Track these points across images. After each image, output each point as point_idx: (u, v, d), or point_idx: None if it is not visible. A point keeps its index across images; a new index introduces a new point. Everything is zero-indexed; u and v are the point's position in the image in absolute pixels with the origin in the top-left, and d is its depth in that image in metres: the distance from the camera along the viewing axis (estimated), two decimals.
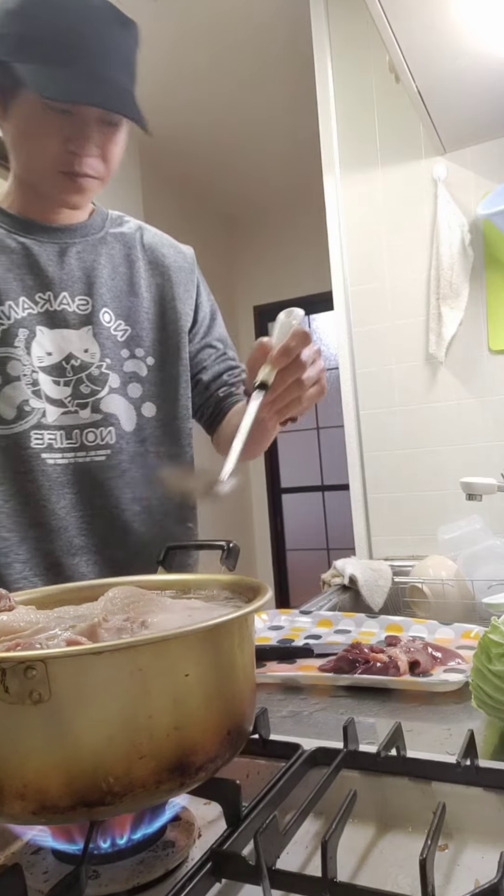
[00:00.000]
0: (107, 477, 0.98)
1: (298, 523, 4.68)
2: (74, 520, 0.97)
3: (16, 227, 0.98)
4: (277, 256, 4.50)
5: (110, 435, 0.98)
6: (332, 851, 0.41)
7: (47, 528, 0.95)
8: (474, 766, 0.53)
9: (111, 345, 1.00)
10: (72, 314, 0.98)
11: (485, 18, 1.26)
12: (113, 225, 1.08)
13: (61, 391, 0.96)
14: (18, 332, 0.94)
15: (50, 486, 0.95)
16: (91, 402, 0.98)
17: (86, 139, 0.90)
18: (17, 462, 0.93)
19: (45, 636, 0.46)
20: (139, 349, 1.03)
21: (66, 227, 1.01)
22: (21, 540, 0.94)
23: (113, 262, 1.04)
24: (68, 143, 0.89)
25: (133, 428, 1.01)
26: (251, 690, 0.52)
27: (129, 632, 0.49)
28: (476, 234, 1.76)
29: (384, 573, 1.51)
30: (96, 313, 1.00)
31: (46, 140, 0.89)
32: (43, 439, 0.94)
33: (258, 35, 2.68)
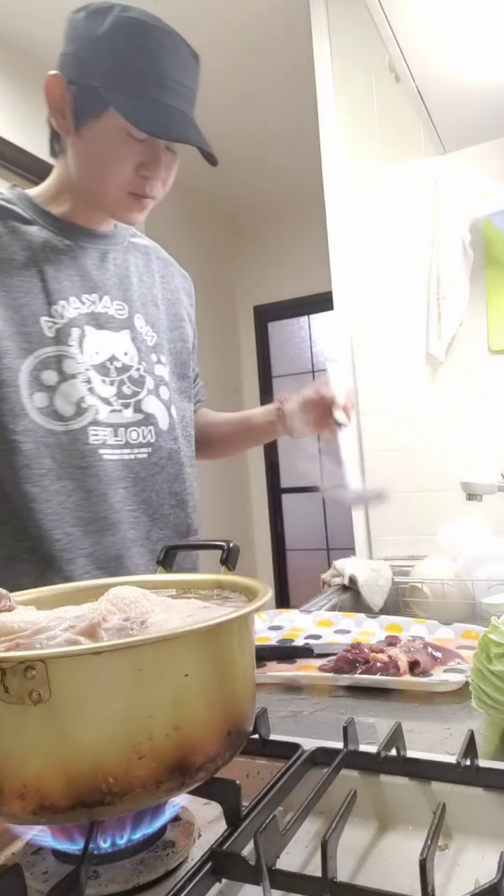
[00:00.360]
0: (148, 473, 1.03)
1: (298, 523, 4.68)
2: (126, 514, 1.00)
3: (62, 229, 1.01)
4: (277, 256, 4.50)
5: (150, 434, 1.03)
6: (332, 851, 0.41)
7: (108, 522, 0.98)
8: (474, 766, 0.53)
9: (145, 349, 1.05)
10: (112, 317, 1.02)
11: (485, 18, 1.26)
12: (131, 235, 1.13)
13: (108, 390, 1.00)
14: (72, 330, 0.97)
15: (108, 481, 0.98)
16: (133, 403, 1.02)
17: (158, 165, 0.95)
18: (77, 458, 0.95)
19: (45, 636, 0.46)
20: (162, 356, 1.09)
21: (103, 233, 1.06)
22: (84, 534, 0.96)
23: (139, 271, 1.11)
24: (141, 168, 0.95)
25: (167, 427, 1.06)
26: (251, 690, 0.52)
27: (128, 632, 0.49)
28: (476, 234, 1.76)
29: (384, 573, 1.50)
30: (132, 318, 1.05)
31: (123, 164, 0.94)
32: (99, 436, 0.97)
33: (258, 35, 2.68)
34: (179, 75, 0.91)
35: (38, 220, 1.00)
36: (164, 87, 0.90)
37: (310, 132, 2.14)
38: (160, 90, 0.89)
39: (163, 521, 1.05)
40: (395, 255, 1.88)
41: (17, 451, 0.91)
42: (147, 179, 0.96)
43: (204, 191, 4.04)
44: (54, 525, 0.93)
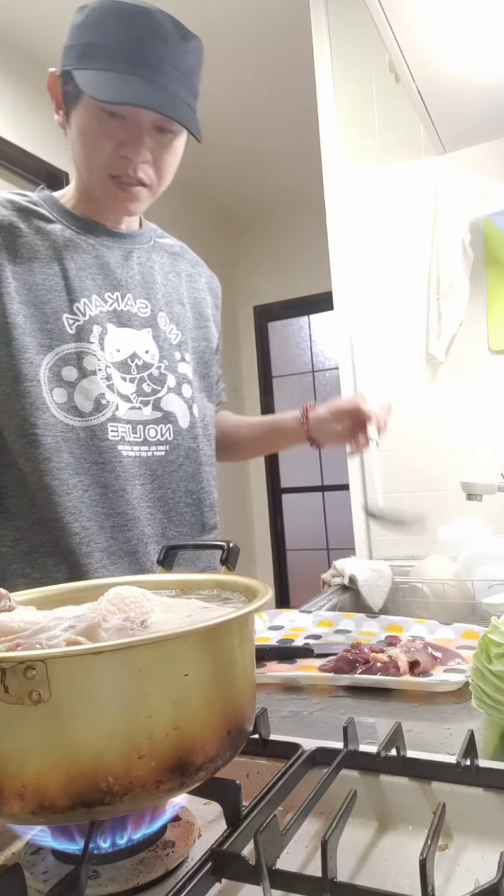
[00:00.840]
0: (166, 471, 1.04)
1: (298, 523, 4.68)
2: (143, 510, 1.01)
3: (84, 228, 1.02)
4: (277, 256, 4.50)
5: (169, 432, 1.04)
6: (332, 851, 0.41)
7: (124, 518, 0.99)
8: (474, 766, 0.53)
9: (168, 347, 1.06)
10: (135, 315, 1.03)
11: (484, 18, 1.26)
12: (158, 235, 1.14)
13: (128, 387, 1.01)
14: (93, 328, 0.98)
15: (126, 476, 0.98)
16: (152, 401, 1.03)
17: (138, 144, 0.93)
18: (95, 453, 0.96)
19: (46, 636, 0.46)
20: (187, 353, 1.10)
21: (126, 233, 1.07)
22: (100, 529, 0.97)
23: (164, 270, 1.11)
24: (121, 147, 0.93)
25: (187, 426, 1.07)
26: (251, 690, 0.52)
27: (128, 632, 0.49)
28: (476, 234, 1.76)
29: (384, 573, 1.50)
30: (155, 316, 1.05)
31: (100, 143, 0.93)
32: (117, 432, 0.98)
33: (258, 35, 2.68)
34: (152, 48, 0.89)
35: (61, 219, 1.01)
36: (129, 60, 0.88)
37: (310, 132, 2.14)
38: (127, 64, 0.88)
39: (179, 518, 1.06)
40: (395, 255, 1.88)
41: (37, 445, 0.92)
42: (128, 160, 0.93)
43: (204, 191, 4.05)
44: (73, 518, 0.95)
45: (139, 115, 0.92)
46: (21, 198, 1.01)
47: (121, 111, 0.91)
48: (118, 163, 0.94)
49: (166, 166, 0.98)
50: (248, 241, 4.62)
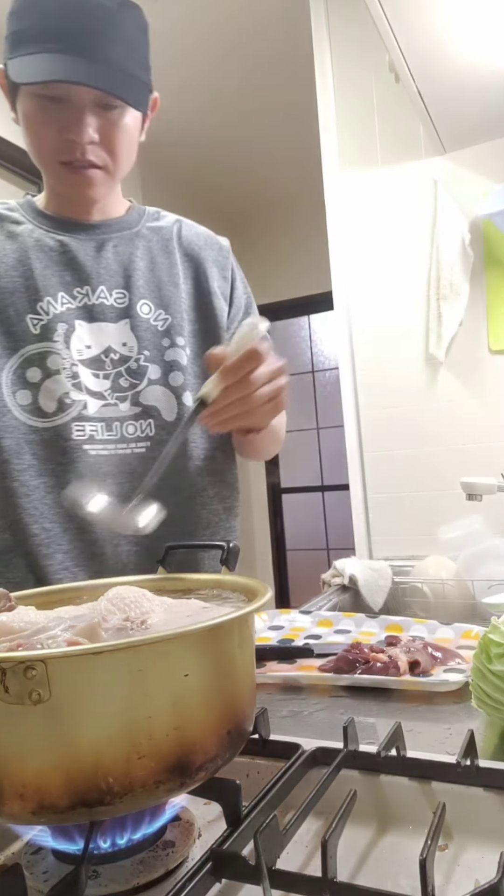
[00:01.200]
0: (147, 469, 0.98)
1: (298, 523, 4.68)
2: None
3: (54, 226, 1.00)
4: (277, 256, 4.50)
5: (150, 427, 0.99)
6: (332, 851, 0.41)
7: (89, 519, 0.95)
8: (474, 766, 0.53)
9: (150, 336, 1.01)
10: (109, 308, 0.99)
11: (485, 18, 1.26)
12: (150, 220, 1.09)
13: (101, 384, 0.97)
14: (58, 326, 0.96)
15: (92, 476, 0.96)
16: (130, 396, 0.99)
17: (81, 125, 0.88)
18: (58, 454, 0.94)
19: (46, 636, 0.46)
20: (179, 338, 1.03)
21: (101, 222, 1.03)
22: (63, 531, 0.95)
23: (151, 254, 1.05)
24: (64, 130, 0.89)
25: (174, 418, 1.01)
26: (251, 690, 0.52)
27: (128, 632, 0.49)
28: (476, 234, 1.76)
29: (384, 573, 1.50)
30: (133, 306, 1.00)
31: (43, 130, 0.90)
32: (84, 431, 0.95)
33: (258, 35, 2.68)
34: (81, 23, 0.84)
35: (32, 220, 1.00)
36: (58, 39, 0.83)
37: (310, 132, 2.14)
38: (56, 43, 0.83)
39: (165, 518, 1.00)
40: (395, 255, 1.88)
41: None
42: (74, 143, 0.89)
43: (204, 191, 4.04)
44: (33, 520, 0.94)
45: (79, 95, 0.87)
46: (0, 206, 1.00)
47: (59, 94, 0.87)
48: (65, 147, 0.90)
49: (118, 144, 0.93)
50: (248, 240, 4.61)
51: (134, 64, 0.89)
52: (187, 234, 1.11)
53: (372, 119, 1.90)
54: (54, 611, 0.56)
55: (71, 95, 0.87)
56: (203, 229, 1.15)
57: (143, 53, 0.91)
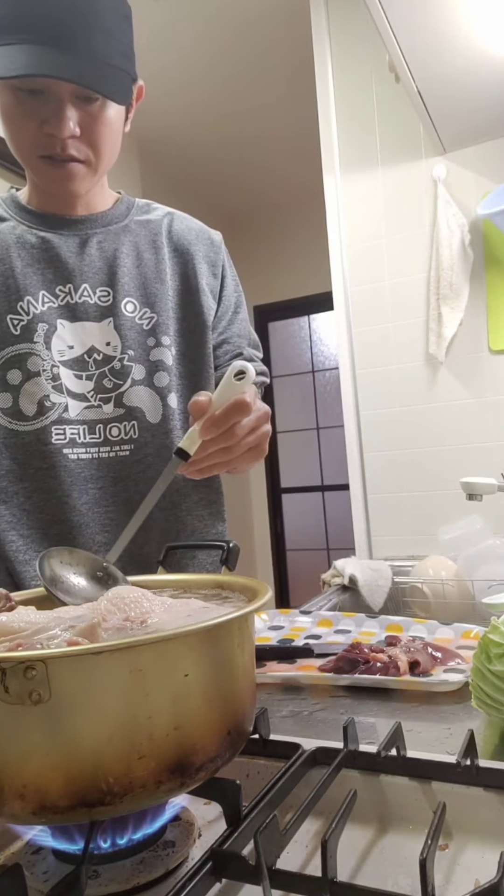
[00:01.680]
0: (131, 472, 0.97)
1: (298, 523, 4.68)
2: (97, 515, 0.95)
3: (37, 222, 0.98)
4: (277, 256, 4.50)
5: (133, 429, 0.97)
6: (332, 851, 0.41)
7: (69, 525, 0.94)
8: (474, 766, 0.53)
9: (134, 335, 0.98)
10: (93, 306, 0.96)
11: (485, 18, 1.26)
12: (139, 213, 1.06)
13: (83, 385, 0.95)
14: (38, 326, 0.93)
15: (72, 481, 0.93)
16: (114, 397, 0.96)
17: (61, 119, 0.85)
18: (38, 458, 0.92)
19: (46, 636, 0.46)
20: (165, 337, 1.00)
21: (86, 217, 1.00)
22: (42, 537, 0.93)
23: (137, 250, 1.02)
24: (44, 125, 0.86)
25: (159, 419, 0.98)
26: (251, 690, 0.52)
27: (128, 632, 0.49)
28: (476, 234, 1.76)
29: (384, 573, 1.50)
30: (118, 304, 0.97)
31: (22, 125, 0.87)
32: (65, 434, 0.93)
33: (258, 35, 2.68)
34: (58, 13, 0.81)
35: (15, 216, 0.98)
36: (34, 30, 0.80)
37: (309, 132, 2.14)
38: (31, 34, 0.80)
39: (149, 523, 0.95)
40: (395, 254, 1.88)
41: None
42: (53, 138, 0.86)
43: (204, 191, 4.05)
44: (10, 527, 0.92)
45: (58, 88, 0.84)
46: None
47: (38, 86, 0.84)
48: (45, 142, 0.87)
49: (99, 138, 0.89)
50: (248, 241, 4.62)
51: (115, 53, 0.85)
52: (178, 228, 1.07)
53: (372, 119, 1.90)
54: (54, 611, 0.56)
55: (50, 88, 0.84)
56: (195, 223, 1.11)
57: (125, 41, 0.87)
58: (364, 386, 1.93)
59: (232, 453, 0.74)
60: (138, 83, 0.94)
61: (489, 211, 1.61)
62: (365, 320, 1.93)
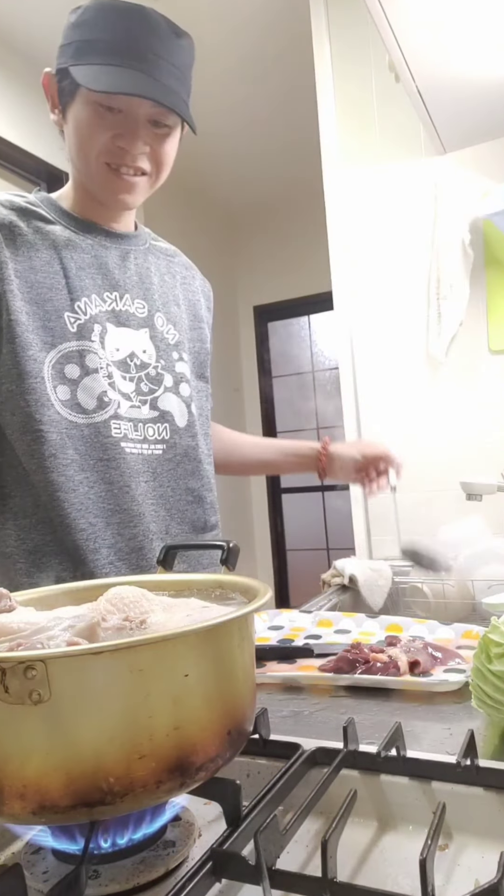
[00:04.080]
0: (164, 469, 1.05)
1: (298, 523, 4.68)
2: (149, 506, 1.02)
3: (82, 228, 1.03)
4: (277, 256, 4.50)
5: (166, 431, 1.05)
6: (332, 851, 0.41)
7: (130, 514, 0.99)
8: (474, 766, 0.53)
9: (164, 347, 1.07)
10: (133, 315, 1.04)
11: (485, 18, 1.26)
12: (152, 238, 1.16)
13: (128, 386, 1.02)
14: (94, 326, 0.99)
15: (130, 473, 0.99)
16: (150, 400, 1.04)
17: (134, 136, 0.94)
18: (99, 450, 0.97)
19: (45, 636, 0.46)
20: (185, 353, 1.11)
21: (123, 233, 1.08)
22: (106, 525, 0.98)
23: (160, 272, 1.12)
24: (117, 138, 0.94)
25: (185, 424, 1.08)
26: (251, 690, 0.52)
27: (128, 632, 0.49)
28: (476, 234, 1.76)
29: (384, 573, 1.50)
30: (152, 317, 1.06)
31: (97, 134, 0.94)
32: (120, 429, 0.99)
33: (258, 35, 2.68)
34: (147, 44, 0.91)
35: (60, 220, 1.02)
36: (125, 55, 0.90)
37: (310, 132, 2.14)
38: (121, 57, 0.90)
39: (180, 516, 1.07)
40: (395, 254, 1.88)
41: (43, 441, 0.93)
42: (124, 151, 0.95)
43: (204, 191, 4.05)
44: (79, 515, 0.95)
45: (136, 108, 0.93)
46: (19, 199, 1.01)
47: (117, 104, 0.92)
48: (115, 152, 0.95)
49: (164, 157, 0.99)
50: (248, 241, 4.62)
51: (185, 89, 0.96)
52: (182, 262, 1.20)
53: (372, 119, 1.89)
54: (54, 611, 0.56)
55: (129, 109, 0.93)
56: (189, 261, 1.23)
57: (190, 81, 0.98)
58: (364, 386, 1.93)
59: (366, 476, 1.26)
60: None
61: (489, 211, 1.61)
62: (365, 320, 1.93)
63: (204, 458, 1.11)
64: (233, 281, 4.61)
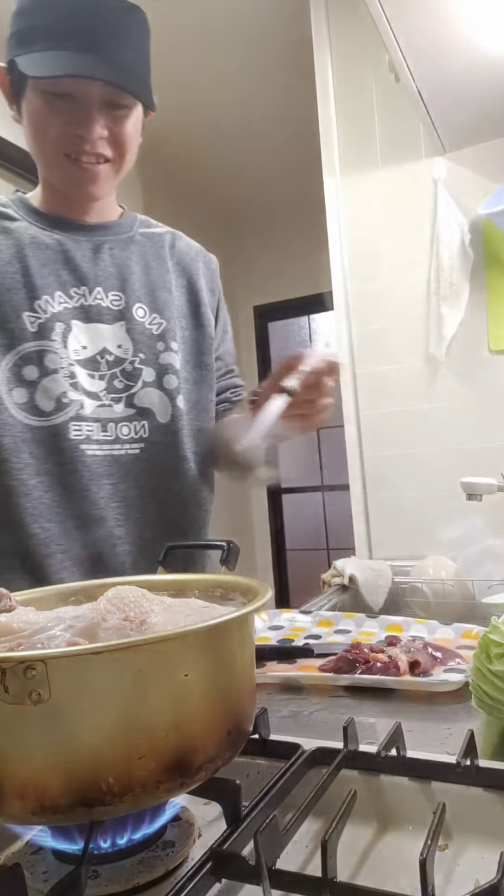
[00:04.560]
0: (140, 469, 1.00)
1: (298, 523, 4.68)
2: (113, 510, 0.98)
3: (50, 224, 1.00)
4: (277, 256, 4.50)
5: (144, 429, 1.00)
6: (332, 851, 0.41)
7: (88, 519, 0.96)
8: (474, 766, 0.53)
9: (146, 339, 1.02)
10: (105, 309, 0.99)
11: (485, 18, 1.26)
12: (142, 226, 1.10)
13: (96, 384, 0.98)
14: (55, 325, 0.96)
15: (90, 476, 0.96)
16: (125, 397, 0.99)
17: (89, 121, 0.89)
18: (56, 453, 0.94)
19: (46, 636, 0.46)
20: (174, 342, 1.04)
21: (98, 224, 1.03)
22: (62, 531, 0.95)
23: (145, 259, 1.06)
24: (71, 126, 0.90)
25: (168, 419, 1.02)
26: (251, 690, 0.52)
27: (128, 632, 0.49)
28: (476, 234, 1.76)
29: (384, 573, 1.50)
30: (129, 309, 1.01)
31: (50, 125, 0.90)
32: (81, 431, 0.96)
33: (258, 35, 2.68)
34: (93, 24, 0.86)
35: (27, 217, 0.99)
36: (70, 37, 0.85)
37: (310, 132, 2.14)
38: (65, 40, 0.85)
39: (158, 518, 1.02)
40: (395, 255, 1.88)
41: None
42: (80, 139, 0.90)
43: (204, 191, 4.04)
44: (32, 520, 0.93)
45: (86, 92, 0.88)
46: None
47: (66, 89, 0.88)
48: (71, 140, 0.91)
49: (125, 140, 0.94)
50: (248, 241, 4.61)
51: (141, 64, 0.91)
52: (180, 246, 1.13)
53: (372, 119, 1.89)
54: (54, 611, 0.56)
55: (80, 93, 0.88)
56: (195, 243, 1.17)
57: (147, 57, 0.93)
58: (364, 386, 1.93)
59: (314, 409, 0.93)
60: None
61: (489, 211, 1.61)
62: (365, 320, 1.93)
63: (189, 456, 1.05)
64: (232, 281, 4.61)
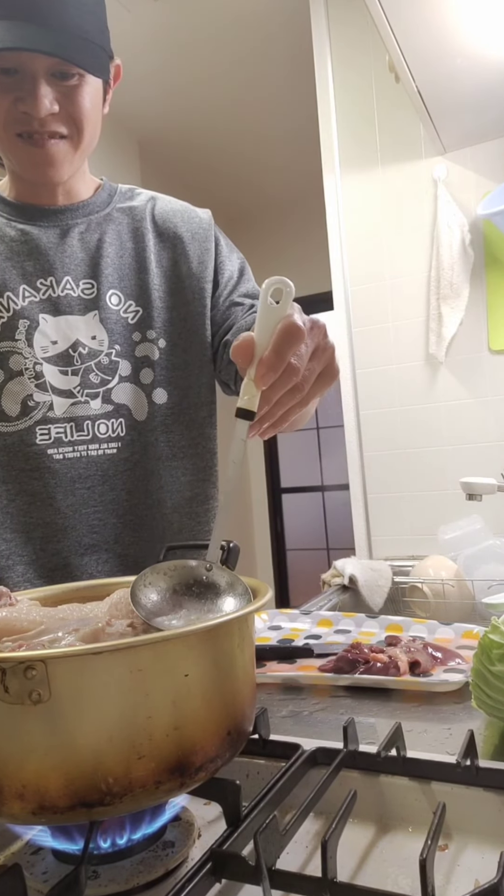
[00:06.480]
0: (118, 470, 0.95)
1: (298, 523, 4.68)
2: (84, 517, 0.93)
3: (15, 214, 0.95)
4: (277, 256, 4.50)
5: (121, 427, 0.94)
6: (332, 851, 0.41)
7: (54, 528, 0.92)
8: (474, 766, 0.53)
9: (120, 329, 0.95)
10: (76, 299, 0.93)
11: (484, 18, 1.26)
12: (122, 199, 1.02)
13: (69, 381, 0.92)
14: (19, 323, 0.91)
15: (56, 483, 0.91)
16: (101, 392, 0.93)
17: (37, 96, 0.82)
18: (21, 460, 0.90)
19: (48, 639, 0.47)
20: (150, 331, 0.97)
21: (66, 207, 0.96)
22: (26, 541, 0.91)
23: (120, 239, 0.98)
24: (18, 102, 0.83)
25: (144, 417, 0.96)
26: (251, 690, 0.52)
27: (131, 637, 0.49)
28: (476, 234, 1.76)
29: (384, 573, 1.51)
30: (102, 297, 0.94)
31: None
32: (49, 434, 0.91)
33: (258, 35, 2.68)
34: None
35: None
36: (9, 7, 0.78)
37: (309, 132, 2.14)
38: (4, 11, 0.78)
39: (136, 522, 0.96)
40: (395, 254, 1.88)
41: None
42: (29, 116, 0.83)
43: (204, 191, 4.04)
44: None
45: (30, 65, 0.81)
46: None
47: (8, 64, 0.81)
48: (20, 118, 0.83)
49: (80, 112, 0.85)
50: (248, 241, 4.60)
51: (90, 28, 0.82)
52: (161, 211, 1.03)
53: (372, 119, 1.90)
54: (58, 609, 0.56)
55: (24, 65, 0.81)
56: (179, 203, 1.07)
57: (99, 16, 0.84)
58: (364, 386, 1.93)
59: (301, 390, 0.59)
60: (115, 62, 0.91)
61: (489, 211, 1.61)
62: (365, 320, 1.93)
63: (167, 455, 0.98)
64: None
